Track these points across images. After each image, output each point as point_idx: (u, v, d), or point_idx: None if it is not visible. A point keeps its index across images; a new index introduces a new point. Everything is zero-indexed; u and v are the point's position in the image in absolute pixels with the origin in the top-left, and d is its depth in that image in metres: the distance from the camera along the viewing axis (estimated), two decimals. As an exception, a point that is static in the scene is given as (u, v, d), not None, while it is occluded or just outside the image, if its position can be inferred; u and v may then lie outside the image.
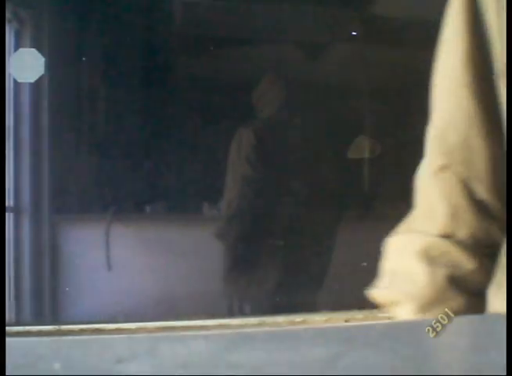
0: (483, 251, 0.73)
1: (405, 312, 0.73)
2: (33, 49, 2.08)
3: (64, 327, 1.19)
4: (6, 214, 2.10)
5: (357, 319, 1.20)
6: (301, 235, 2.25)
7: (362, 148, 2.42)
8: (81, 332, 1.16)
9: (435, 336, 0.44)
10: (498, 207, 0.72)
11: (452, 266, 0.72)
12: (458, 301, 0.72)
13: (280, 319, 1.26)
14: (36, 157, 2.23)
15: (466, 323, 0.57)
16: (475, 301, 0.71)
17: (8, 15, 2.08)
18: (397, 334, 0.48)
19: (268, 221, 2.27)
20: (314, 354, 0.40)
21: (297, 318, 1.24)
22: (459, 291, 0.72)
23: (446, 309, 0.62)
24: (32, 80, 2.09)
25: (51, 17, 2.32)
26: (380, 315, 1.03)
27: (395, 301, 0.75)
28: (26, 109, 2.22)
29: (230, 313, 2.12)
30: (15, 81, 2.10)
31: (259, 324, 1.23)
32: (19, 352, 0.40)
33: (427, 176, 0.77)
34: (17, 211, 2.21)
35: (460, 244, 0.73)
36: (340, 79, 2.57)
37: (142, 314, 2.07)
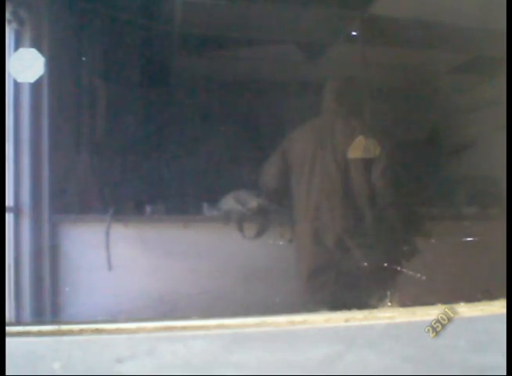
0: None
1: None
2: (33, 49, 2.08)
3: (64, 327, 1.19)
4: (6, 214, 2.10)
5: (357, 319, 1.19)
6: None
7: (362, 148, 2.42)
8: (81, 332, 1.16)
9: (435, 336, 0.44)
10: None
11: None
12: None
13: (280, 319, 1.26)
14: (36, 157, 2.23)
15: (466, 323, 0.57)
16: None
17: (8, 15, 2.08)
18: (397, 334, 0.48)
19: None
20: (314, 354, 0.40)
21: (297, 318, 1.24)
22: None
23: (446, 309, 0.62)
24: (32, 80, 2.08)
25: (51, 17, 2.32)
26: (380, 315, 1.03)
27: None
28: (26, 109, 2.22)
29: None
30: (15, 81, 2.10)
31: (259, 324, 1.23)
32: (19, 352, 0.40)
33: None
34: (17, 211, 2.21)
35: None
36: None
37: (142, 314, 2.07)
